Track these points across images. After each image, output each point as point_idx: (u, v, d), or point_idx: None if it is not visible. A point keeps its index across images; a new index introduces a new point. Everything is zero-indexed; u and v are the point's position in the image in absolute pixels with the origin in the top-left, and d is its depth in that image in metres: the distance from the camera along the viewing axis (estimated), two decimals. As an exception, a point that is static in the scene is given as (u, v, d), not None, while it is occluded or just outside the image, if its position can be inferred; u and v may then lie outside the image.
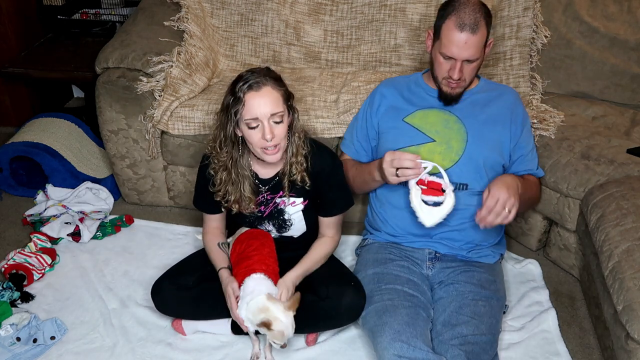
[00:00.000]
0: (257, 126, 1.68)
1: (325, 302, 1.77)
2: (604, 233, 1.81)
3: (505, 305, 1.90)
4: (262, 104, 1.66)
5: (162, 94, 2.25)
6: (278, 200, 1.86)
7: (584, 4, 2.44)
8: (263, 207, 1.88)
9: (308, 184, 1.82)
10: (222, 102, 1.74)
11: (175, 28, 2.47)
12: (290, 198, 1.86)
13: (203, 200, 1.93)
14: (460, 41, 1.74)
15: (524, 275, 2.19)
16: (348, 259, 2.22)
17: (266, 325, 1.61)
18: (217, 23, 2.63)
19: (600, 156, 2.04)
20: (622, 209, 1.84)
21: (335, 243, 1.96)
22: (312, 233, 1.96)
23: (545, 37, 2.41)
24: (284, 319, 1.62)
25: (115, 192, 2.57)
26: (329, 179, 1.87)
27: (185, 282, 1.83)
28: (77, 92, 3.42)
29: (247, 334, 1.87)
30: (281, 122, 1.69)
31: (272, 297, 1.65)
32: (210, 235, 1.95)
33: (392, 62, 2.56)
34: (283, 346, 1.66)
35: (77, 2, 3.09)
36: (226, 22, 2.62)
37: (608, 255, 1.75)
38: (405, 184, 1.81)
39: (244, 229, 1.91)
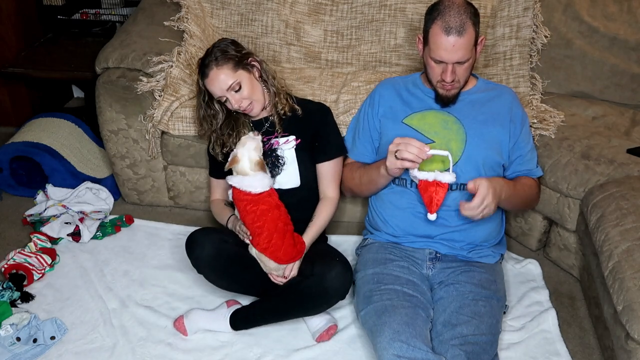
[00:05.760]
0: (226, 100, 1.93)
1: (310, 280, 1.79)
2: (604, 233, 1.81)
3: (506, 305, 1.90)
4: (215, 86, 1.91)
5: (162, 94, 2.25)
6: (273, 140, 1.99)
7: (584, 4, 2.44)
8: None
9: (299, 111, 2.00)
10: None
11: (175, 28, 2.47)
12: (283, 137, 1.98)
13: (215, 168, 2.10)
14: (448, 45, 1.74)
15: (524, 275, 2.19)
16: (348, 258, 2.21)
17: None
18: (217, 23, 2.63)
19: (600, 156, 2.04)
20: (622, 209, 1.84)
21: (336, 203, 2.05)
22: (305, 193, 2.00)
23: (545, 37, 2.41)
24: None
25: (115, 192, 2.57)
26: (322, 118, 2.05)
27: (225, 237, 1.89)
28: (77, 92, 3.42)
29: (247, 327, 1.91)
30: (239, 89, 1.91)
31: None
32: (217, 200, 2.13)
33: (392, 62, 2.56)
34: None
35: (77, 2, 3.09)
36: (226, 22, 2.62)
37: (608, 255, 1.75)
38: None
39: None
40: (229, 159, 1.88)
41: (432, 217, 1.80)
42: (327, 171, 2.03)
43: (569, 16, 2.43)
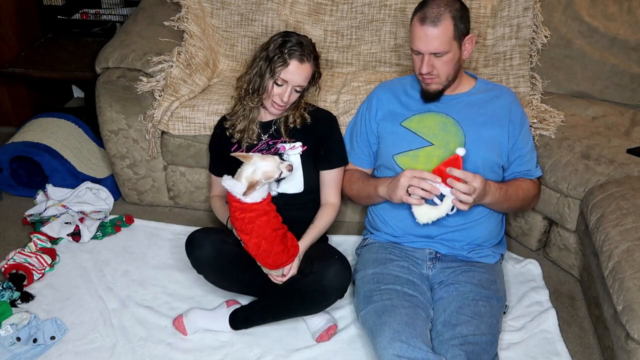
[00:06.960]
0: (282, 86, 1.91)
1: (310, 277, 1.80)
2: (604, 233, 1.81)
3: (506, 306, 1.90)
4: (298, 74, 1.90)
5: (162, 94, 2.26)
6: (279, 145, 1.99)
7: (584, 4, 2.44)
8: (265, 152, 1.96)
9: (308, 120, 1.99)
10: (266, 51, 1.93)
11: (175, 28, 2.47)
12: (290, 143, 1.98)
13: (216, 165, 2.13)
14: (422, 35, 1.78)
15: (524, 275, 2.19)
16: (348, 259, 2.21)
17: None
18: (217, 23, 2.63)
19: (600, 156, 2.04)
20: (622, 209, 1.84)
21: (338, 209, 2.06)
22: (308, 197, 2.01)
23: (545, 37, 2.41)
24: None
25: (115, 192, 2.57)
26: (329, 127, 2.07)
27: (225, 237, 1.89)
28: (77, 92, 3.42)
29: (246, 327, 1.91)
30: (299, 93, 1.95)
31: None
32: (217, 197, 2.15)
33: (392, 62, 2.56)
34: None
35: (77, 2, 3.09)
36: (226, 22, 2.62)
37: (608, 255, 1.75)
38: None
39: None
40: (244, 153, 1.86)
41: (460, 151, 1.75)
42: (331, 179, 2.04)
43: (569, 16, 2.43)
